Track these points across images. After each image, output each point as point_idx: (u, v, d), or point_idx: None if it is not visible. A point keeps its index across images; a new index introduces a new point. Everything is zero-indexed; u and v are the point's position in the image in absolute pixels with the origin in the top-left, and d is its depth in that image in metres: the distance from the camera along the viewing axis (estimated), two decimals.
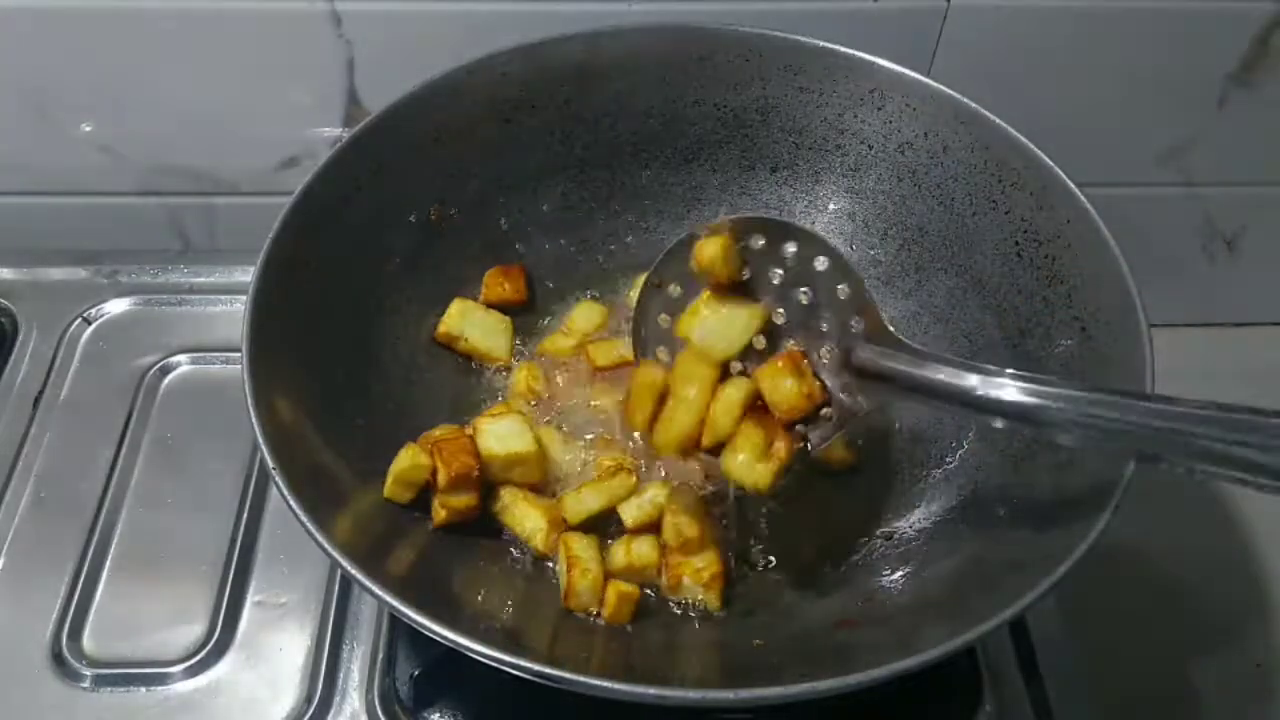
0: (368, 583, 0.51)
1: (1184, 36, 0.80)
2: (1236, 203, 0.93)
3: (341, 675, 0.67)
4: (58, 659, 0.67)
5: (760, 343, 0.61)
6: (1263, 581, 0.85)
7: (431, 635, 0.49)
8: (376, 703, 0.66)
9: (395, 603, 0.50)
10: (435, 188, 0.74)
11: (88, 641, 0.68)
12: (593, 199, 0.80)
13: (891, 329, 0.57)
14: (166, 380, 0.82)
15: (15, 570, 0.71)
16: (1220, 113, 0.85)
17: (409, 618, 0.49)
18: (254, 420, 0.55)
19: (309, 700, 0.66)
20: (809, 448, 0.60)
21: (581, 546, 0.63)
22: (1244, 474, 0.44)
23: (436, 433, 0.66)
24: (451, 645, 0.49)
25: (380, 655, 0.68)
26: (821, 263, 0.59)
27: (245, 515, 0.74)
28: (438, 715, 0.66)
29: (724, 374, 0.61)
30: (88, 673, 0.67)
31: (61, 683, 0.66)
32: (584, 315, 0.78)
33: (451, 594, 0.61)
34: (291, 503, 0.52)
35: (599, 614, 0.62)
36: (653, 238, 0.82)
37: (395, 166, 0.71)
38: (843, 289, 0.59)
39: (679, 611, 0.64)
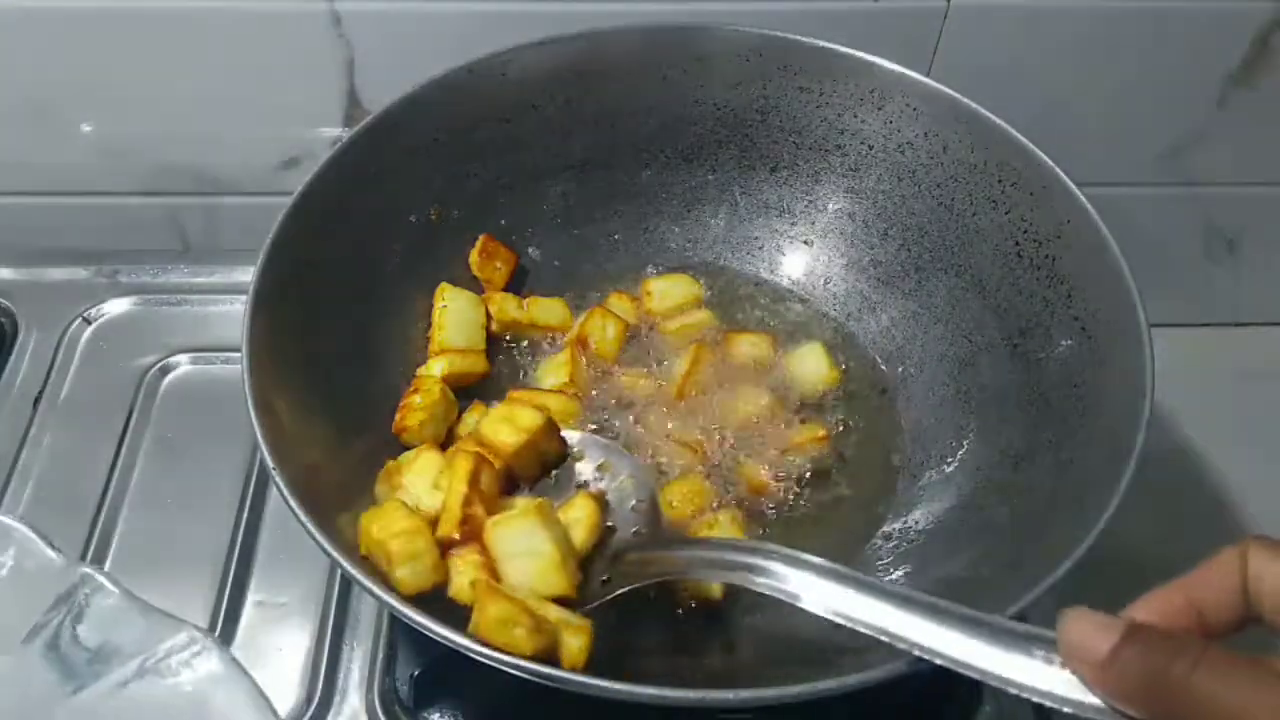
0: (368, 583, 0.51)
1: (1184, 36, 0.80)
2: (1236, 203, 0.93)
3: (341, 675, 0.67)
4: None
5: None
6: None
7: (431, 635, 0.49)
8: (376, 703, 0.66)
9: (395, 603, 0.50)
10: (435, 188, 0.74)
11: None
12: (593, 199, 0.80)
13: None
14: (166, 380, 0.82)
15: None
16: (1220, 113, 0.85)
17: (409, 618, 0.49)
18: (254, 420, 0.55)
19: (309, 700, 0.66)
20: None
21: None
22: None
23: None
24: (452, 645, 0.49)
25: (380, 655, 0.68)
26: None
27: (245, 515, 0.74)
28: (438, 715, 0.66)
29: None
30: None
31: None
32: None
33: (451, 594, 0.61)
34: (291, 503, 0.52)
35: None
36: (653, 238, 0.82)
37: (395, 166, 0.71)
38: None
39: (679, 612, 0.64)
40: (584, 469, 0.64)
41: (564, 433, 0.64)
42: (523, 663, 0.48)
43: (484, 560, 0.56)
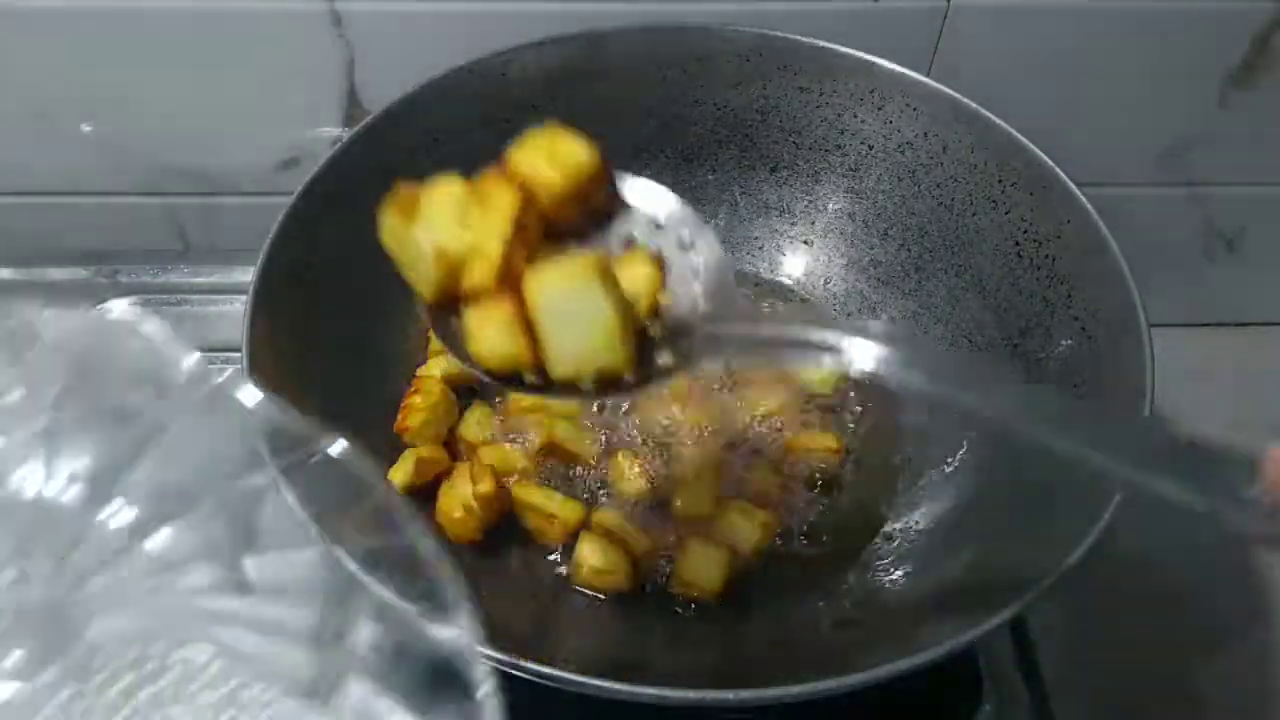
0: (368, 583, 0.50)
1: (1184, 36, 0.80)
2: (1236, 203, 0.93)
3: None
4: None
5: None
6: (1264, 581, 0.85)
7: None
8: None
9: (395, 603, 0.50)
10: None
11: None
12: None
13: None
14: None
15: None
16: (1220, 113, 0.85)
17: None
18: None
19: None
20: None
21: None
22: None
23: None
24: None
25: None
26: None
27: None
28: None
29: None
30: None
31: None
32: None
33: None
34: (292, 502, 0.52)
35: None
36: None
37: (395, 166, 0.71)
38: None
39: (680, 611, 0.64)
40: (639, 228, 0.51)
41: (625, 182, 0.51)
42: (523, 663, 0.48)
43: (516, 313, 0.44)
